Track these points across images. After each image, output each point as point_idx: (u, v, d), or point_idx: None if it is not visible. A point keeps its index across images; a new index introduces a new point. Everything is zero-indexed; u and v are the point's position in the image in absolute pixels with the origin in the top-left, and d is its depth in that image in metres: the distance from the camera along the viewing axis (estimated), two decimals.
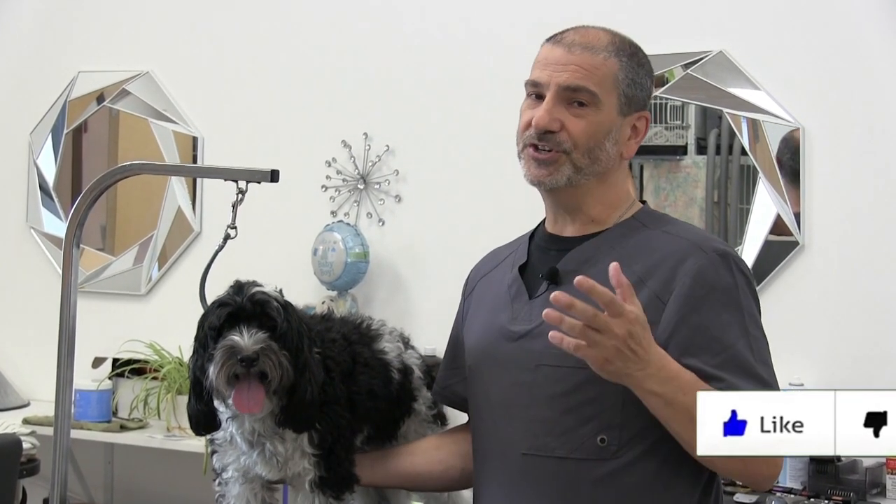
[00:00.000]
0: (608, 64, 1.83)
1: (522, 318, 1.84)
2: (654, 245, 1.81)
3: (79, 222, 1.93)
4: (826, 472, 3.12)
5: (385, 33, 4.06)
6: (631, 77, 1.85)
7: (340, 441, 1.86)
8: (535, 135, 1.83)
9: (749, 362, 1.73)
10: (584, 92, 1.82)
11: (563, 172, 1.83)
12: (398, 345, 2.02)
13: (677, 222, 1.90)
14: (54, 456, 1.93)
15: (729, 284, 1.77)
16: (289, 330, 1.77)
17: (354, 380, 1.90)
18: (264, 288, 1.80)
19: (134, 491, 4.39)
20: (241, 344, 1.74)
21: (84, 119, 4.54)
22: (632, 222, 1.87)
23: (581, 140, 1.82)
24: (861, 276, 3.41)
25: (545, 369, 1.78)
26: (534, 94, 1.87)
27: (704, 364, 1.71)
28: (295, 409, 1.79)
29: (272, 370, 1.75)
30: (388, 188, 4.04)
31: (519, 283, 1.88)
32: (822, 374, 3.34)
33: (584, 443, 1.75)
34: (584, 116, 1.82)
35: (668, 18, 3.62)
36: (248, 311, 1.77)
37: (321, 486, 1.86)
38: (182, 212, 4.36)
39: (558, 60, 1.84)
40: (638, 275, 1.77)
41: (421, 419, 2.05)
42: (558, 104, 1.82)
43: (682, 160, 3.71)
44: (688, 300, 1.74)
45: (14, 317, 4.60)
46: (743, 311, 1.76)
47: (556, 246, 1.89)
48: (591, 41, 1.84)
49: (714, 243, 1.82)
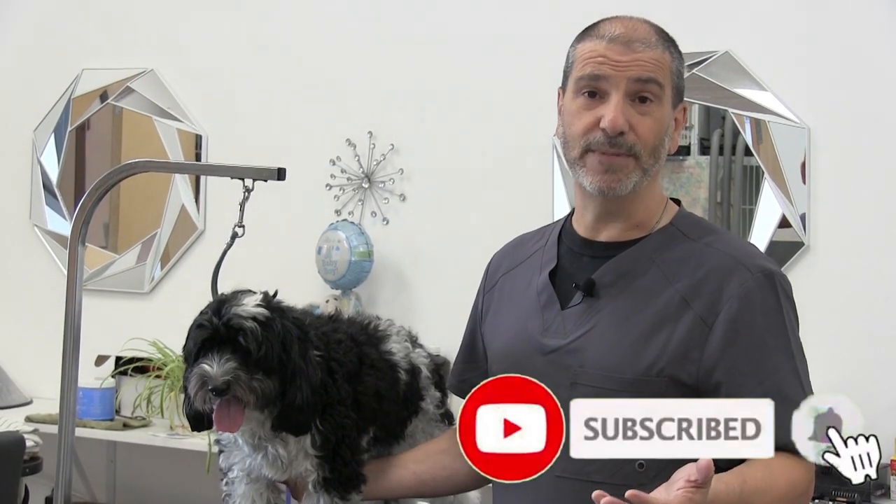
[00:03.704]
0: (665, 56, 1.77)
1: (555, 330, 1.78)
2: (697, 261, 1.75)
3: (84, 220, 1.93)
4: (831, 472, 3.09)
5: (390, 32, 4.06)
6: (679, 68, 1.80)
7: (345, 442, 1.85)
8: (605, 139, 1.73)
9: (793, 388, 1.68)
10: (654, 84, 1.74)
11: (632, 178, 1.74)
12: (406, 345, 2.00)
13: (719, 232, 1.84)
14: (58, 454, 1.92)
15: (775, 308, 1.72)
16: (267, 351, 1.74)
17: (361, 380, 1.89)
18: (246, 305, 1.76)
19: (137, 489, 4.39)
20: (211, 373, 1.73)
21: (88, 117, 4.54)
22: (671, 230, 1.80)
23: (649, 139, 1.74)
24: (866, 276, 3.40)
25: (580, 388, 1.70)
26: (588, 91, 1.75)
27: (750, 391, 1.65)
28: (286, 414, 1.79)
29: (244, 395, 1.74)
30: (393, 187, 4.04)
31: (550, 291, 1.81)
32: (826, 375, 3.33)
33: (623, 467, 1.68)
34: (649, 114, 1.74)
35: (674, 18, 3.60)
36: (222, 336, 1.75)
37: (325, 486, 1.86)
38: (186, 210, 4.36)
39: (620, 55, 1.73)
40: (682, 294, 1.72)
41: (429, 418, 2.04)
42: (626, 103, 1.73)
43: (685, 160, 3.71)
44: (734, 324, 1.69)
45: (17, 315, 4.60)
46: (788, 336, 1.72)
47: (591, 252, 1.81)
48: (645, 35, 1.76)
49: (759, 260, 1.76)
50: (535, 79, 3.37)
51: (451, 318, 2.06)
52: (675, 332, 1.71)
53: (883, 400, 3.24)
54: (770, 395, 1.62)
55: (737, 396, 1.65)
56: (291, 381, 1.77)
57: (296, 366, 1.77)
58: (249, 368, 1.74)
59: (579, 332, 1.76)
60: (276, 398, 1.77)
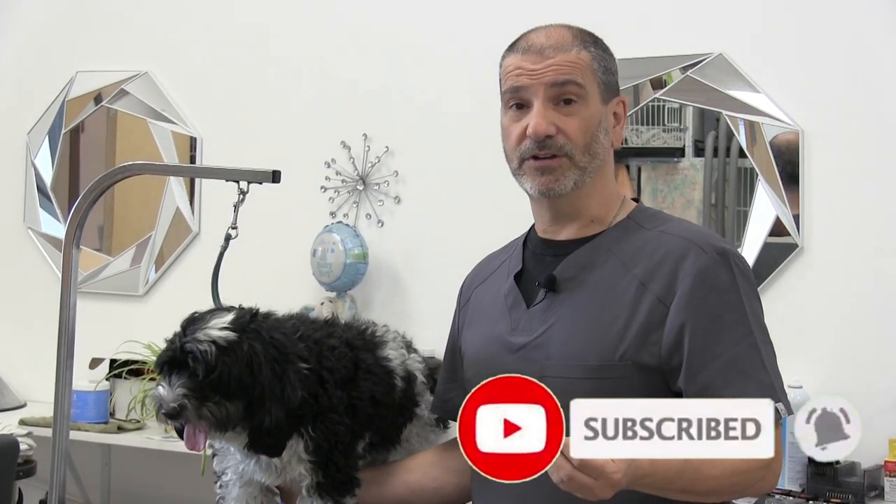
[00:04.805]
0: (582, 56, 1.82)
1: (522, 328, 1.82)
2: (652, 246, 1.79)
3: (79, 222, 1.93)
4: (825, 474, 3.11)
5: (384, 34, 4.06)
6: (603, 64, 1.85)
7: (339, 447, 1.85)
8: (533, 145, 1.80)
9: (751, 362, 1.71)
10: (572, 85, 1.80)
11: (570, 177, 1.80)
12: (402, 351, 2.01)
13: (673, 219, 1.88)
14: (53, 457, 1.92)
15: (730, 284, 1.74)
16: (223, 375, 1.74)
17: (356, 385, 1.89)
18: (211, 327, 1.77)
19: (131, 492, 4.38)
20: (164, 398, 1.75)
21: (82, 119, 4.53)
22: (628, 223, 1.85)
23: (578, 138, 1.79)
24: (860, 278, 3.40)
25: (549, 380, 1.68)
26: (514, 103, 1.83)
27: (708, 369, 1.69)
28: (254, 437, 1.79)
29: (195, 421, 1.76)
30: (388, 189, 4.04)
31: (516, 292, 1.86)
32: (821, 378, 3.34)
33: None
34: (575, 113, 1.80)
35: (668, 21, 3.62)
36: (178, 359, 1.77)
37: (319, 491, 1.86)
38: (180, 212, 4.35)
39: (535, 64, 1.82)
40: (639, 279, 1.76)
41: (423, 423, 2.04)
42: (548, 107, 1.80)
43: (679, 162, 3.71)
44: (689, 302, 1.72)
45: (11, 317, 4.59)
46: (746, 311, 1.74)
47: (552, 251, 1.86)
48: (558, 40, 1.83)
49: (713, 241, 1.80)
50: None
51: (446, 320, 2.06)
52: (636, 316, 1.74)
53: (877, 402, 3.24)
54: (728, 370, 1.69)
55: (697, 371, 1.69)
56: (260, 404, 1.76)
57: (265, 389, 1.76)
58: (205, 392, 1.74)
59: (544, 326, 1.80)
60: (242, 421, 1.77)
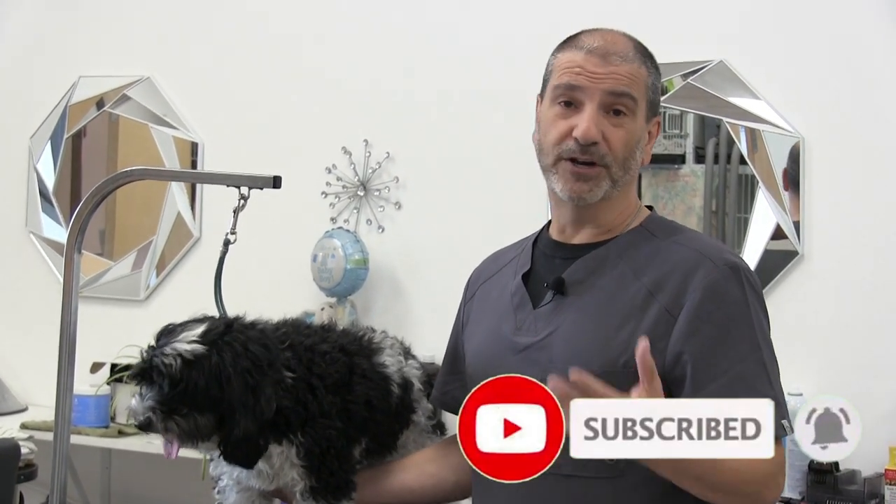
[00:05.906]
0: (641, 71, 1.80)
1: (527, 328, 1.81)
2: (663, 256, 1.77)
3: (80, 227, 1.93)
4: (825, 482, 3.11)
5: (385, 40, 4.07)
6: (654, 83, 1.82)
7: (331, 451, 1.85)
8: (577, 148, 1.77)
9: (758, 378, 1.69)
10: (627, 98, 1.77)
11: (603, 187, 1.78)
12: (399, 358, 2.00)
13: (687, 231, 1.86)
14: (53, 461, 1.92)
15: (740, 299, 1.73)
16: (189, 388, 1.75)
17: (350, 390, 1.89)
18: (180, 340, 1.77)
19: (131, 496, 4.39)
20: (135, 409, 1.77)
21: (84, 124, 4.54)
22: (641, 231, 1.83)
23: (620, 151, 1.77)
24: (860, 285, 3.41)
25: None
26: (564, 100, 1.80)
27: (715, 383, 1.67)
28: (226, 448, 1.80)
29: (163, 432, 1.77)
30: (388, 195, 4.05)
31: (523, 292, 1.85)
32: (820, 384, 3.34)
33: (592, 460, 1.66)
34: (622, 126, 1.77)
35: (669, 27, 3.62)
36: (148, 372, 1.78)
37: (313, 495, 1.86)
38: (182, 217, 4.36)
39: (597, 67, 1.77)
40: (647, 288, 1.74)
41: (420, 430, 2.04)
42: (599, 114, 1.76)
43: (680, 169, 3.71)
44: (698, 314, 1.71)
45: (12, 321, 4.60)
46: (754, 327, 1.73)
47: (562, 254, 1.85)
48: (622, 49, 1.80)
49: (725, 255, 1.78)
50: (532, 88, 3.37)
51: (446, 325, 2.06)
52: (641, 325, 1.72)
53: (877, 408, 3.24)
54: (734, 385, 1.67)
55: (702, 386, 1.67)
56: (230, 415, 1.76)
57: (235, 401, 1.76)
58: (173, 405, 1.75)
59: (549, 328, 1.79)
60: (215, 432, 1.78)
